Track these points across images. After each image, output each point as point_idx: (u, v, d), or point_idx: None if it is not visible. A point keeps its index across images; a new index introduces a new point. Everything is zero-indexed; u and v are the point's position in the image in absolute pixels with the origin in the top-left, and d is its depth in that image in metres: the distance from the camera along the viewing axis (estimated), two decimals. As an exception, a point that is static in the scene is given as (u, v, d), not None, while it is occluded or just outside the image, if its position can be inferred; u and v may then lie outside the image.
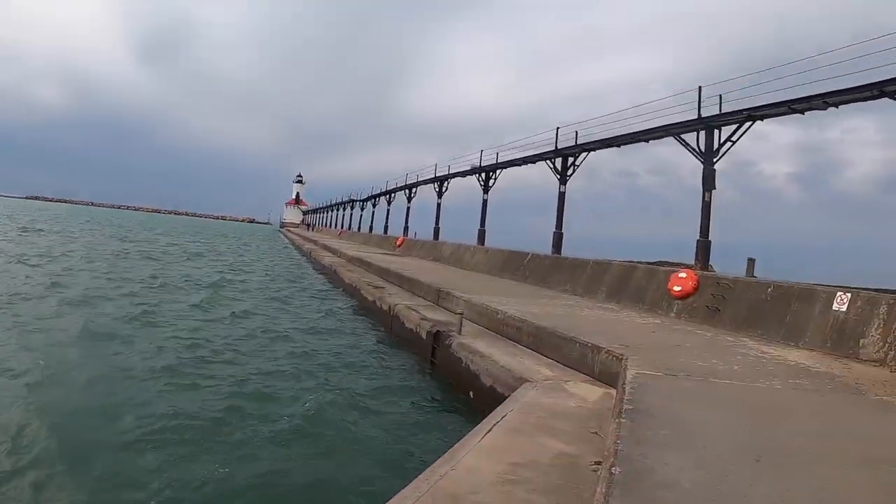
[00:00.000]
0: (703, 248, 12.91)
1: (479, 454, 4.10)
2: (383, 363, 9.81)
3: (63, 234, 36.93)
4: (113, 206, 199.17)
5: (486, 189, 25.57)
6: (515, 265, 17.09)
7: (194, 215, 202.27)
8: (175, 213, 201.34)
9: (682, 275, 10.30)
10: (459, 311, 9.49)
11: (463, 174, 28.17)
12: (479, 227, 25.35)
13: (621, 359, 6.00)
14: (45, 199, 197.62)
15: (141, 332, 10.17)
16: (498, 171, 25.06)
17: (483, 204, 25.61)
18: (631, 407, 4.16)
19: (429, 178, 32.90)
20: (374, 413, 7.04)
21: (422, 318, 10.67)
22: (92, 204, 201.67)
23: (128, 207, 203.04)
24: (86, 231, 44.89)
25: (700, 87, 13.28)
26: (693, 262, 12.86)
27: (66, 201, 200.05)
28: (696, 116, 13.32)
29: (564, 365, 7.16)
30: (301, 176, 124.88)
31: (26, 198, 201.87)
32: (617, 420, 3.94)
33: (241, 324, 11.94)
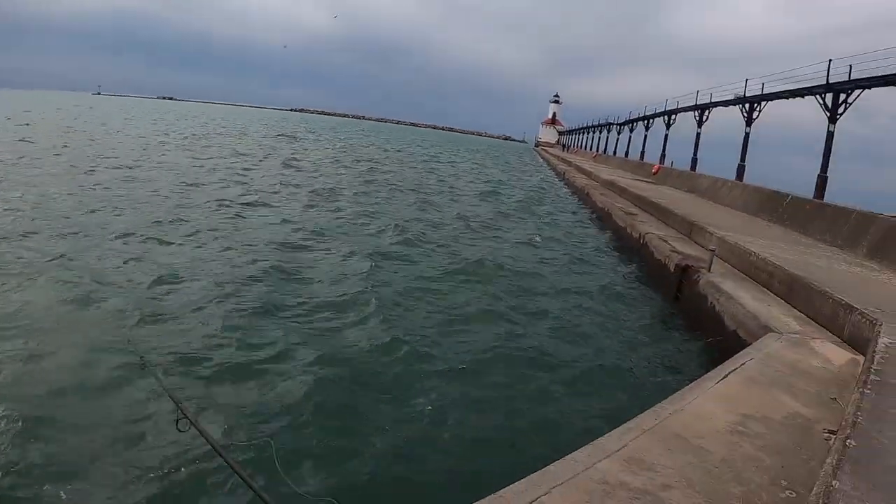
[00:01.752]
0: None
1: (709, 399, 4.04)
2: (626, 291, 10.20)
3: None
4: (372, 119, 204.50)
5: (748, 121, 23.61)
6: (773, 206, 15.62)
7: (451, 130, 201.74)
8: (433, 128, 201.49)
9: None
10: (712, 247, 9.34)
11: (725, 104, 26.62)
12: (738, 161, 23.48)
13: (875, 324, 5.53)
14: (309, 112, 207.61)
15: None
16: (763, 104, 22.94)
17: (744, 137, 23.72)
18: (878, 379, 3.92)
19: (689, 105, 31.54)
20: (609, 341, 7.47)
21: (672, 250, 10.62)
22: (354, 117, 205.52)
23: (387, 121, 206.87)
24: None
25: None
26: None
27: (329, 113, 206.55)
28: None
29: (813, 320, 6.80)
30: (558, 96, 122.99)
31: (291, 110, 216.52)
32: (860, 390, 3.75)
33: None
